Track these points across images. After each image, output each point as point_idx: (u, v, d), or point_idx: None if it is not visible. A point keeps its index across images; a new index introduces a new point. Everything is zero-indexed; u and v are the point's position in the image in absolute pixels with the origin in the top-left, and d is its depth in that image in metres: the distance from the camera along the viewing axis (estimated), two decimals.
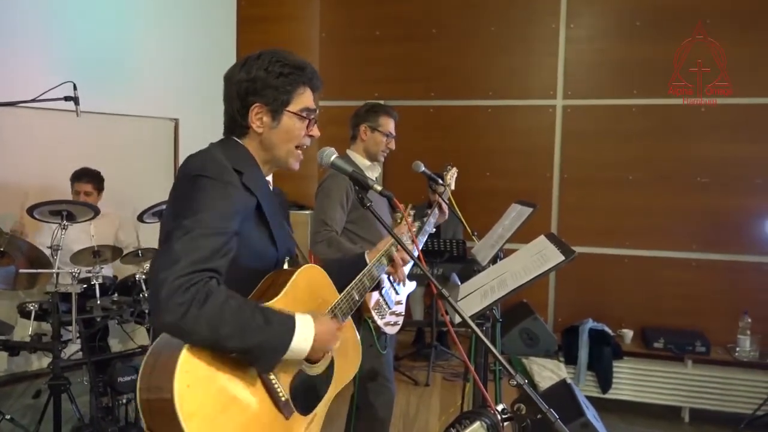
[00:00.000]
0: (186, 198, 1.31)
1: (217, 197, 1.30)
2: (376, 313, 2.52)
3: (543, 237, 2.05)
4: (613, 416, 4.31)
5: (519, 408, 1.25)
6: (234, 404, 1.23)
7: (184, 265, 1.18)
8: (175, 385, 1.13)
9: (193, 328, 1.17)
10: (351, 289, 1.61)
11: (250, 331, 1.21)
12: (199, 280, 1.19)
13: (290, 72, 1.46)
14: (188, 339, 1.18)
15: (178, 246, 1.21)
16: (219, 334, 1.18)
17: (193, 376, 1.17)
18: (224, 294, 1.22)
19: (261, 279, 1.44)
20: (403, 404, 3.87)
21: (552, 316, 5.13)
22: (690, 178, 4.75)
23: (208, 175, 1.32)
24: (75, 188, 3.95)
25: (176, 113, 4.98)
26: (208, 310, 1.17)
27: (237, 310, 1.21)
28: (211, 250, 1.23)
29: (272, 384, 1.30)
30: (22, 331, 3.59)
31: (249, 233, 1.39)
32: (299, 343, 1.29)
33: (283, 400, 1.32)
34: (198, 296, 1.17)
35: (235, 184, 1.35)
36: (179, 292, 1.16)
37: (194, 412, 1.14)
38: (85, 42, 4.34)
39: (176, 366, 1.15)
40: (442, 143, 5.17)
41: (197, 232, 1.24)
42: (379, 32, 5.41)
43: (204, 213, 1.26)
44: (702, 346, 4.42)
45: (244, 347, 1.21)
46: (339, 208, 2.56)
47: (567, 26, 5.00)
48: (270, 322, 1.25)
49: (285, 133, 1.48)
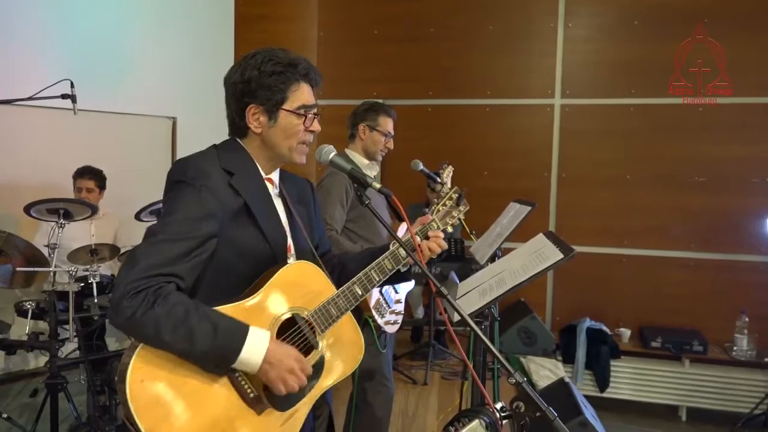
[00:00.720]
0: (165, 203, 1.37)
1: (189, 202, 1.33)
2: (377, 312, 2.52)
3: (542, 235, 2.05)
4: (610, 415, 4.32)
5: (518, 406, 1.25)
6: (193, 399, 1.25)
7: (140, 269, 1.24)
8: (128, 380, 1.19)
9: (139, 331, 1.22)
10: (353, 284, 1.53)
11: (195, 339, 1.23)
12: (151, 285, 1.23)
13: (283, 70, 1.46)
14: (137, 340, 1.24)
15: (140, 250, 1.28)
16: (162, 339, 1.22)
17: (146, 371, 1.21)
18: (174, 300, 1.25)
19: (255, 277, 1.44)
20: (402, 403, 3.87)
21: (550, 314, 5.14)
22: (688, 178, 4.76)
23: (184, 179, 1.36)
24: (77, 185, 3.95)
25: (174, 111, 4.97)
26: (153, 314, 1.21)
27: (183, 317, 1.23)
28: (171, 255, 1.28)
29: (238, 380, 1.31)
30: (19, 330, 3.58)
31: (234, 233, 1.40)
32: (249, 355, 1.27)
33: (252, 396, 1.32)
34: (146, 300, 1.21)
35: (209, 187, 1.36)
36: (129, 295, 1.21)
37: (145, 407, 1.19)
38: (82, 40, 4.33)
39: (130, 361, 1.20)
40: (441, 142, 5.17)
41: (160, 237, 1.29)
42: (378, 31, 5.40)
43: (171, 217, 1.32)
44: (699, 345, 4.42)
45: (189, 353, 1.24)
46: (339, 207, 2.56)
47: (565, 25, 5.00)
48: (218, 332, 1.25)
49: (283, 131, 1.48)
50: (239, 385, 1.31)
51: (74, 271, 3.28)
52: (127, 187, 4.38)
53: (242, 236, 1.42)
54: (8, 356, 3.94)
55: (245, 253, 1.42)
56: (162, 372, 1.23)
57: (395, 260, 1.61)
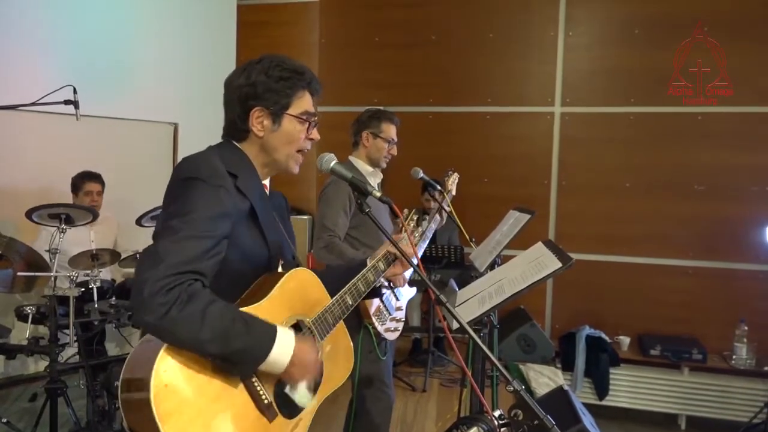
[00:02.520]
0: (176, 199, 1.31)
1: (207, 200, 1.30)
2: (377, 319, 2.52)
3: (540, 244, 2.06)
4: (609, 423, 4.31)
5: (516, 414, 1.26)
6: (213, 405, 1.23)
7: (169, 265, 1.19)
8: (152, 384, 1.13)
9: (173, 330, 1.17)
10: (344, 294, 1.60)
11: (230, 337, 1.21)
12: (182, 281, 1.19)
13: (290, 76, 1.48)
14: (167, 340, 1.19)
15: (164, 247, 1.22)
16: (198, 338, 1.18)
17: (171, 375, 1.17)
18: (207, 298, 1.22)
19: (252, 281, 1.44)
20: (401, 410, 3.87)
21: (549, 322, 5.13)
22: (687, 186, 4.76)
23: (200, 177, 1.32)
24: (86, 188, 3.98)
25: (176, 117, 4.99)
26: (189, 312, 1.17)
27: (218, 315, 1.21)
28: (196, 252, 1.24)
29: (255, 387, 1.31)
30: (20, 334, 3.59)
31: (240, 236, 1.40)
32: (278, 355, 1.28)
33: (266, 403, 1.32)
34: (180, 298, 1.18)
35: (226, 187, 1.35)
36: (162, 292, 1.16)
37: (171, 412, 1.14)
38: (85, 46, 4.35)
39: (154, 365, 1.15)
40: (441, 149, 5.18)
41: (183, 233, 1.24)
42: (378, 38, 5.43)
43: (192, 215, 1.27)
44: (699, 353, 4.42)
45: (223, 353, 1.21)
46: (342, 213, 2.57)
47: (566, 34, 5.02)
48: (251, 330, 1.25)
49: (285, 136, 1.49)
50: (255, 391, 1.30)
51: (75, 276, 3.29)
52: (128, 193, 4.40)
53: (247, 240, 1.42)
54: (8, 360, 3.94)
55: (247, 257, 1.43)
56: (184, 376, 1.19)
57: (376, 273, 1.71)
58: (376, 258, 1.75)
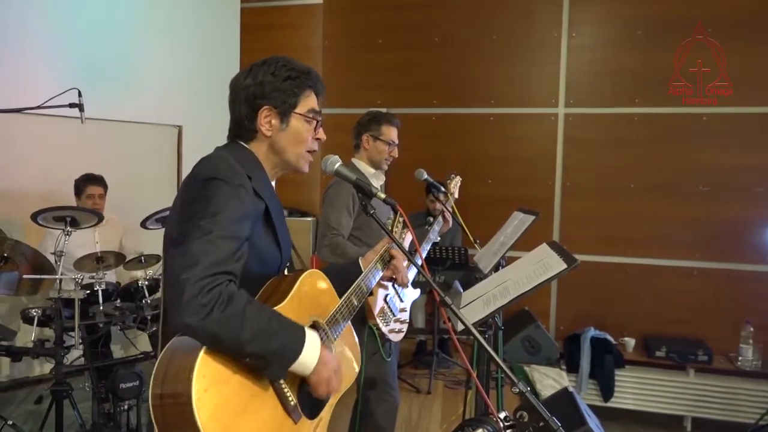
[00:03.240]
0: (200, 200, 1.29)
1: (231, 200, 1.30)
2: (381, 320, 2.52)
3: (545, 245, 2.05)
4: (615, 425, 4.30)
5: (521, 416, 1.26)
6: (248, 409, 1.23)
7: (206, 266, 1.18)
8: (194, 389, 1.12)
9: (215, 331, 1.16)
10: (350, 295, 1.63)
11: (267, 337, 1.22)
12: (221, 282, 1.19)
13: (297, 76, 1.49)
14: (208, 341, 1.17)
15: (197, 247, 1.21)
16: (239, 338, 1.18)
17: (210, 379, 1.16)
18: (245, 298, 1.23)
19: (263, 284, 1.44)
20: (405, 412, 3.86)
21: (554, 324, 5.13)
22: (692, 187, 4.75)
23: (222, 177, 1.32)
24: (88, 191, 3.98)
25: (180, 120, 5.00)
26: (230, 312, 1.17)
27: (257, 314, 1.22)
28: (227, 253, 1.24)
29: (282, 389, 1.32)
30: (25, 337, 3.59)
31: (257, 238, 1.40)
32: (308, 354, 1.30)
33: (292, 405, 1.34)
34: (221, 298, 1.17)
35: (246, 187, 1.35)
36: (203, 293, 1.15)
37: (212, 416, 1.14)
38: (90, 49, 4.37)
39: (194, 369, 1.14)
40: (444, 151, 5.18)
41: (215, 234, 1.23)
42: (382, 40, 5.43)
43: (220, 215, 1.26)
44: (704, 355, 4.41)
45: (262, 352, 1.22)
46: (346, 213, 2.58)
47: (569, 35, 5.02)
48: (285, 329, 1.27)
49: (294, 135, 1.50)
50: (282, 393, 1.31)
51: (80, 278, 3.30)
52: (133, 195, 4.42)
53: (261, 241, 1.42)
54: (13, 363, 3.95)
55: (262, 258, 1.43)
56: (222, 381, 1.19)
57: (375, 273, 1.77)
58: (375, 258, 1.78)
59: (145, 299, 3.54)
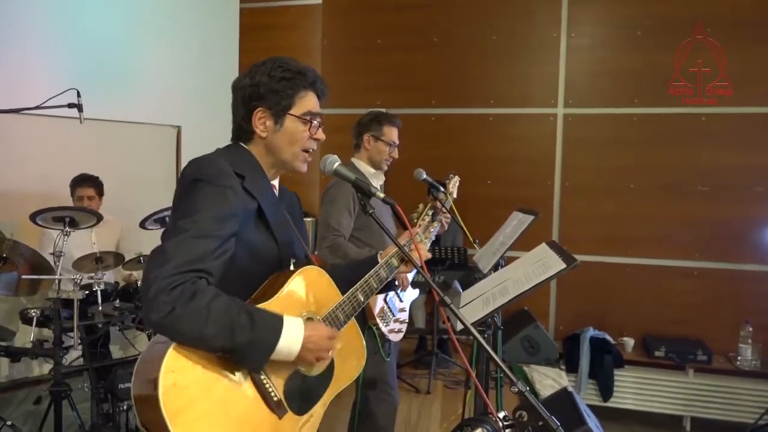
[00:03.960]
0: (184, 200, 1.34)
1: (214, 200, 1.33)
2: (381, 320, 2.52)
3: (544, 245, 2.05)
4: (614, 425, 4.30)
5: (520, 415, 1.25)
6: (222, 403, 1.24)
7: (175, 264, 1.22)
8: (161, 383, 1.15)
9: (178, 327, 1.19)
10: (356, 290, 1.61)
11: (235, 331, 1.23)
12: (186, 279, 1.22)
13: (292, 77, 1.50)
14: (174, 337, 1.21)
15: (171, 246, 1.25)
16: (203, 333, 1.20)
17: (179, 374, 1.18)
18: (211, 294, 1.24)
19: (263, 280, 1.46)
20: (405, 412, 3.86)
21: (553, 324, 5.13)
22: (691, 187, 4.75)
23: (206, 178, 1.35)
24: (78, 193, 3.95)
25: (179, 120, 5.00)
26: (193, 308, 1.20)
27: (223, 310, 1.23)
28: (203, 251, 1.26)
29: (263, 384, 1.32)
30: (24, 337, 3.59)
31: (249, 236, 1.42)
32: (286, 345, 1.30)
33: (275, 400, 1.33)
34: (184, 295, 1.20)
35: (233, 187, 1.37)
36: (166, 290, 1.19)
37: (179, 411, 1.16)
38: (88, 49, 4.37)
39: (162, 364, 1.17)
40: (444, 151, 5.18)
41: (190, 233, 1.27)
42: (381, 41, 5.43)
43: (199, 215, 1.30)
44: (703, 354, 4.41)
45: (230, 346, 1.23)
46: (346, 214, 2.58)
47: (568, 35, 5.02)
48: (256, 323, 1.27)
49: (288, 136, 1.50)
50: (264, 388, 1.32)
51: (79, 278, 3.29)
52: (132, 195, 4.41)
53: (256, 239, 1.44)
54: (12, 363, 3.95)
55: (257, 256, 1.44)
56: (192, 375, 1.21)
57: (389, 269, 1.70)
58: (389, 254, 1.73)
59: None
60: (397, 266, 1.72)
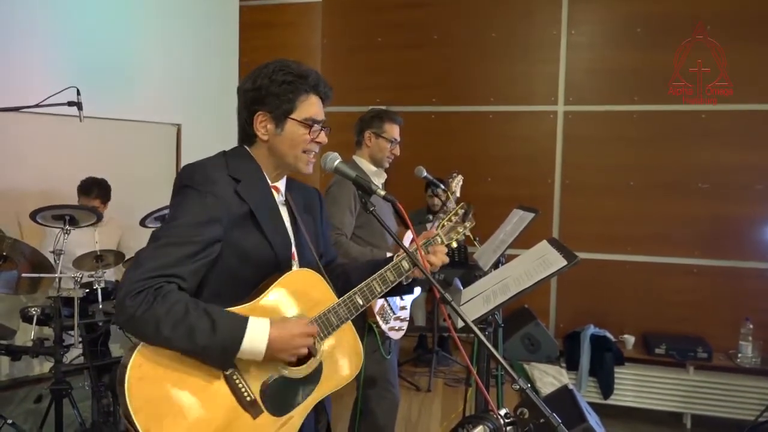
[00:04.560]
0: (172, 206, 1.41)
1: (194, 206, 1.37)
2: (381, 318, 2.52)
3: (545, 242, 2.06)
4: (614, 422, 4.30)
5: (522, 412, 1.25)
6: (189, 400, 1.26)
7: (144, 270, 1.27)
8: (126, 378, 1.21)
9: (140, 329, 1.25)
10: (354, 294, 1.54)
11: (195, 334, 1.26)
12: (152, 285, 1.27)
13: (293, 80, 1.49)
14: (139, 338, 1.27)
15: (145, 253, 1.32)
16: (161, 336, 1.24)
17: (144, 370, 1.24)
18: (174, 298, 1.28)
19: (257, 283, 1.46)
20: (405, 410, 3.86)
21: (553, 321, 5.13)
22: (691, 185, 4.75)
23: (190, 184, 1.39)
24: (81, 202, 3.89)
25: (179, 119, 5.00)
26: (154, 312, 1.24)
27: (183, 314, 1.27)
28: (175, 257, 1.31)
29: (236, 383, 1.33)
30: (24, 336, 3.60)
31: (239, 239, 1.43)
32: (251, 345, 1.31)
33: (249, 400, 1.34)
34: (146, 299, 1.25)
35: (215, 193, 1.39)
36: (131, 295, 1.25)
37: (142, 406, 1.21)
38: (88, 47, 4.36)
39: (130, 360, 1.23)
40: (444, 149, 5.18)
41: (163, 240, 1.32)
42: (381, 39, 5.43)
43: (176, 221, 1.35)
44: (704, 352, 4.41)
45: (191, 348, 1.27)
46: (348, 212, 2.57)
47: (568, 33, 5.01)
48: (217, 325, 1.28)
49: (289, 140, 1.51)
50: (236, 387, 1.32)
51: (79, 277, 3.30)
52: (131, 194, 4.40)
53: (247, 242, 1.44)
54: (13, 362, 3.95)
55: (249, 259, 1.44)
56: (161, 371, 1.25)
57: (398, 272, 1.63)
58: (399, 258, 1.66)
59: None
60: (408, 269, 1.64)
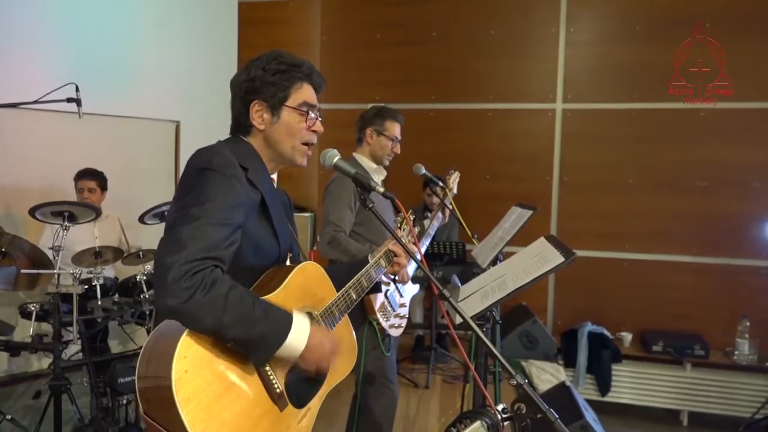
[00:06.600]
0: (193, 189, 1.32)
1: (223, 189, 1.33)
2: (381, 315, 2.53)
3: (543, 239, 2.06)
4: (612, 419, 4.31)
5: (519, 408, 1.26)
6: (230, 392, 1.25)
7: (192, 251, 1.21)
8: (173, 370, 1.14)
9: (197, 314, 1.18)
10: (349, 288, 1.64)
11: (250, 322, 1.23)
12: (205, 267, 1.21)
13: (287, 69, 1.51)
14: (190, 324, 1.20)
15: (186, 233, 1.23)
16: (221, 322, 1.20)
17: (191, 361, 1.18)
18: (228, 283, 1.24)
19: (262, 273, 1.47)
20: (403, 406, 3.88)
21: (551, 319, 5.14)
22: (689, 182, 4.76)
23: (214, 168, 1.35)
24: (78, 186, 3.97)
25: (178, 115, 5.00)
26: (212, 296, 1.19)
27: (240, 300, 1.23)
28: (216, 239, 1.26)
29: (268, 375, 1.33)
30: (23, 332, 3.60)
31: (252, 228, 1.42)
32: (294, 340, 1.31)
33: (278, 392, 1.35)
34: (204, 282, 1.19)
35: (239, 178, 1.37)
36: (186, 276, 1.18)
37: (191, 398, 1.15)
38: (87, 44, 4.36)
39: (175, 351, 1.16)
40: (443, 146, 5.18)
41: (204, 220, 1.26)
42: (380, 36, 5.42)
43: (210, 203, 1.29)
44: (701, 349, 4.43)
45: (244, 337, 1.23)
46: (347, 209, 2.58)
47: (567, 30, 5.01)
48: (269, 315, 1.28)
49: (285, 128, 1.51)
50: (268, 380, 1.33)
51: (78, 273, 3.30)
52: (130, 190, 4.41)
53: (258, 231, 1.45)
54: (12, 358, 3.94)
55: (258, 248, 1.45)
56: (204, 363, 1.21)
57: (378, 269, 1.79)
58: (378, 254, 1.80)
59: (143, 294, 3.54)
60: (385, 266, 1.81)
